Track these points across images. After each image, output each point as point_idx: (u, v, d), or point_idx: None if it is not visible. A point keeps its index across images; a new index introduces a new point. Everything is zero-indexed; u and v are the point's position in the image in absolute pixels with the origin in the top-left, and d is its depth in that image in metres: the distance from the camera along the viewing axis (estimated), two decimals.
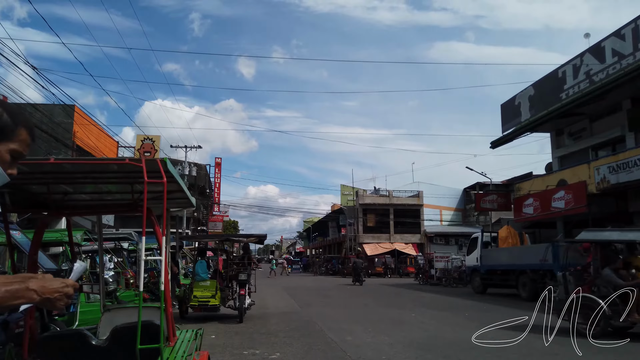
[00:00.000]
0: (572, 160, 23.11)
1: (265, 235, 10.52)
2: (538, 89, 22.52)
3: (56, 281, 1.30)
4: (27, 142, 1.35)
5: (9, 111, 1.32)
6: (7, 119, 1.30)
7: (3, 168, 1.31)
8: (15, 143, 1.31)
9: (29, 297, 1.25)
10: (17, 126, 1.32)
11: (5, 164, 1.31)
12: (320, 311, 11.83)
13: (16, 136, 1.31)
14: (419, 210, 43.92)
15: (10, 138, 1.31)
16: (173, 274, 10.44)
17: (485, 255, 17.75)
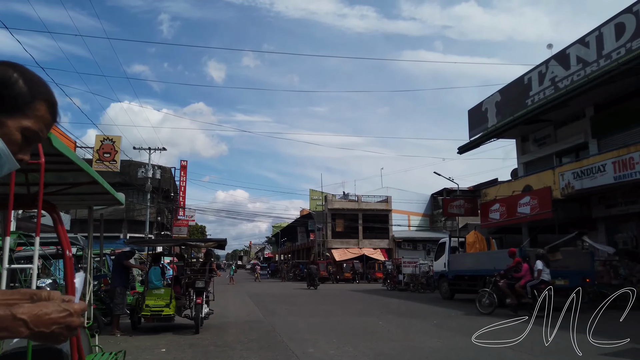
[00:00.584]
0: (537, 166, 23.41)
1: (225, 240, 9.89)
2: (504, 95, 22.74)
3: (54, 305, 0.97)
4: (46, 120, 1.08)
5: (27, 78, 1.07)
6: (22, 87, 1.04)
7: (12, 151, 1.03)
8: (31, 120, 1.05)
9: (15, 331, 0.93)
10: (34, 98, 1.05)
11: (14, 146, 1.04)
12: (284, 320, 11.28)
13: (32, 111, 1.05)
14: (387, 216, 43.92)
15: (24, 112, 1.04)
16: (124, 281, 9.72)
17: (452, 260, 17.61)
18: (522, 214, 20.18)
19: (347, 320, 11.16)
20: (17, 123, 1.04)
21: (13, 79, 1.05)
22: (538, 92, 20.18)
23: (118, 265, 9.11)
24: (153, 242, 9.93)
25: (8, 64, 1.10)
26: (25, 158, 1.08)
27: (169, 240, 9.84)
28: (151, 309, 8.89)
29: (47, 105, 1.09)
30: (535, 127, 22.65)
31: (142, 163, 35.56)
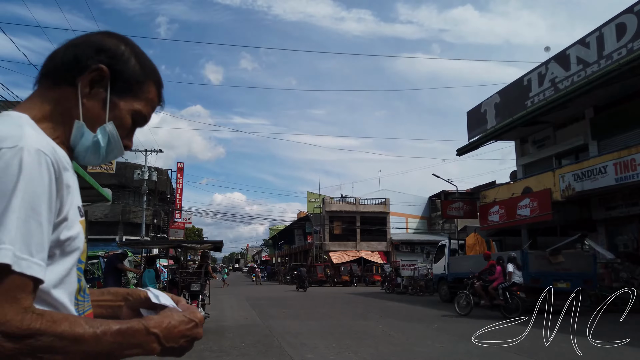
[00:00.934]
0: (536, 168, 23.28)
1: (221, 241, 9.61)
2: (504, 96, 22.60)
3: (179, 316, 0.88)
4: (154, 104, 1.01)
5: (138, 55, 0.98)
6: (135, 66, 0.97)
7: (120, 135, 0.95)
8: (141, 102, 0.98)
9: (148, 347, 0.82)
10: (146, 78, 0.98)
11: (124, 130, 0.97)
12: (282, 323, 11.03)
13: (143, 93, 0.98)
14: (385, 218, 43.73)
15: (135, 94, 0.97)
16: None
17: (452, 263, 17.40)
18: (522, 216, 20.02)
19: (347, 324, 10.92)
20: (129, 105, 0.95)
21: (126, 55, 0.95)
22: (538, 93, 20.05)
23: (110, 268, 8.88)
24: (147, 243, 9.65)
25: (118, 37, 0.99)
26: (130, 145, 1.00)
27: (164, 241, 9.51)
28: None
29: (157, 86, 1.00)
30: (535, 128, 22.52)
31: (138, 165, 35.30)
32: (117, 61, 0.93)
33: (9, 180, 0.73)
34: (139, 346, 0.81)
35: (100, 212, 36.03)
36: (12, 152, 0.74)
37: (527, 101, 20.61)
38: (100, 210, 36.20)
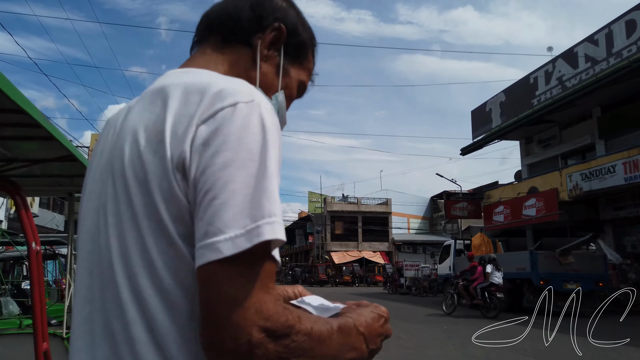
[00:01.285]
0: (541, 168, 23.01)
1: None
2: (509, 95, 22.33)
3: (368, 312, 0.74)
4: (311, 74, 0.92)
5: (304, 20, 0.88)
6: (303, 30, 0.86)
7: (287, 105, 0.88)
8: (305, 72, 0.89)
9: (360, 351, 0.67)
10: (310, 46, 0.89)
11: (289, 101, 0.88)
12: None
13: (307, 62, 0.89)
14: (387, 218, 43.46)
15: (301, 62, 0.88)
16: None
17: (458, 263, 17.10)
18: (528, 216, 19.76)
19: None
20: (297, 74, 0.87)
21: (295, 17, 0.85)
22: (544, 91, 19.78)
23: None
24: None
25: None
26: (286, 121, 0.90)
27: None
28: None
29: (314, 55, 0.92)
30: (540, 128, 22.25)
31: None
32: (289, 22, 0.83)
33: (255, 139, 0.61)
34: (354, 349, 0.66)
35: None
36: (249, 108, 0.63)
37: (534, 100, 20.35)
38: None
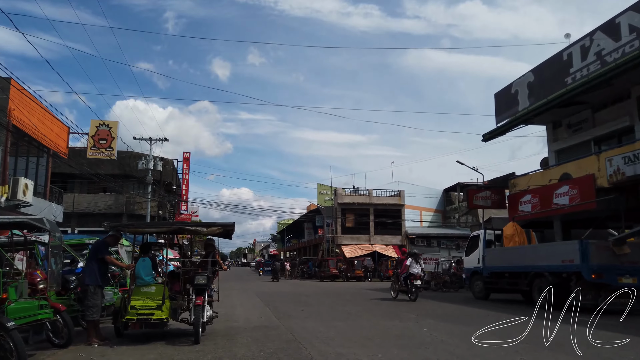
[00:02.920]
0: (571, 154, 21.33)
1: (233, 224, 7.64)
2: (538, 74, 20.61)
3: None
4: None
5: None
6: None
7: None
8: None
9: None
10: None
11: None
12: (304, 325, 9.27)
13: None
14: (400, 211, 41.84)
15: None
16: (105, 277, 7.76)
17: (489, 255, 15.53)
18: (559, 205, 18.15)
19: (381, 326, 9.15)
20: None
21: None
22: (580, 68, 18.05)
23: (94, 257, 7.12)
24: (140, 226, 7.81)
25: None
26: None
27: (160, 224, 7.67)
28: (138, 312, 6.90)
29: None
30: (571, 110, 20.54)
31: (143, 154, 33.69)
32: None
33: None
34: None
35: (103, 204, 34.55)
36: None
37: (568, 78, 18.63)
38: (104, 202, 34.70)
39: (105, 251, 7.21)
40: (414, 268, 15.36)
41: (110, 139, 23.43)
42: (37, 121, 19.50)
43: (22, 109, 18.05)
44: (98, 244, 7.40)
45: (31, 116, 18.81)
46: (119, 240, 7.63)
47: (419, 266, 15.53)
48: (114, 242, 7.50)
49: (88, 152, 23.46)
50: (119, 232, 7.45)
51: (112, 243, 7.49)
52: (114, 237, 7.46)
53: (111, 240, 7.49)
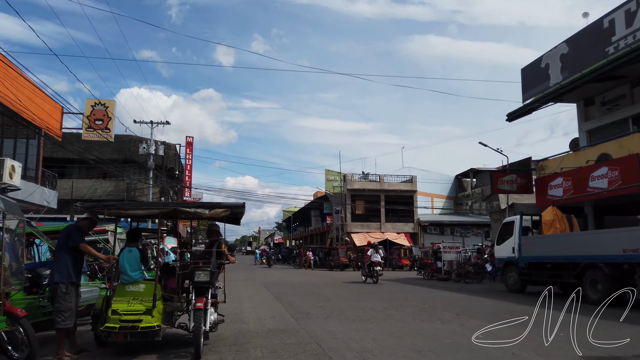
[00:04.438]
0: (605, 134, 19.57)
1: (243, 205, 6.05)
2: (574, 45, 18.74)
3: None
4: None
5: None
6: None
7: None
8: None
9: None
10: None
11: None
12: (328, 327, 7.70)
13: None
14: (412, 197, 40.17)
15: None
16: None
17: (527, 244, 13.86)
18: (597, 188, 16.44)
19: (423, 330, 7.57)
20: None
21: None
22: (624, 36, 16.18)
23: (64, 247, 5.54)
24: (123, 206, 6.06)
25: None
26: None
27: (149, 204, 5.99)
28: (121, 318, 5.33)
29: None
30: (606, 86, 18.73)
31: (144, 138, 32.11)
32: None
33: None
34: None
35: (103, 189, 33.06)
36: None
37: (609, 47, 16.77)
38: (104, 187, 33.23)
39: (78, 238, 5.61)
40: (375, 257, 19.31)
41: (107, 119, 21.80)
42: (26, 99, 17.89)
43: (7, 84, 16.42)
44: (69, 229, 5.75)
45: (19, 93, 17.20)
46: (94, 224, 5.99)
47: (378, 255, 19.65)
48: (89, 227, 5.88)
49: (83, 134, 21.87)
50: (96, 214, 5.84)
51: (86, 228, 5.87)
52: (89, 220, 5.84)
53: (86, 225, 5.86)
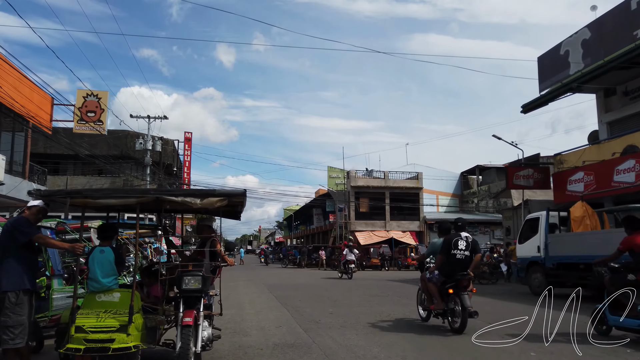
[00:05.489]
0: (627, 126, 18.41)
1: (243, 192, 4.84)
2: (597, 29, 17.56)
3: None
4: None
5: None
6: None
7: None
8: None
9: None
10: None
11: None
12: (345, 342, 6.53)
13: None
14: (417, 195, 38.97)
15: None
16: None
17: (555, 242, 12.67)
18: (623, 183, 15.30)
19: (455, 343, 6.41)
20: None
21: None
22: None
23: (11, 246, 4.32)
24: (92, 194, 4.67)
25: None
26: None
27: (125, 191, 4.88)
28: (88, 337, 4.15)
29: None
30: (630, 74, 17.55)
31: (140, 133, 30.95)
32: None
33: None
34: None
35: (98, 186, 31.89)
36: None
37: (638, 30, 15.58)
38: (99, 184, 32.05)
39: (28, 231, 4.37)
40: (349, 256, 21.58)
41: (100, 111, 20.60)
42: (11, 88, 16.70)
43: None
44: (13, 223, 4.44)
45: (2, 81, 16.03)
46: (45, 213, 4.71)
47: (352, 255, 21.96)
48: (38, 217, 4.58)
49: (74, 126, 20.68)
50: (43, 205, 4.58)
51: (34, 218, 4.60)
52: (38, 209, 4.57)
53: (32, 214, 4.61)
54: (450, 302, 7.16)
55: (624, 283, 6.35)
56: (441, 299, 7.30)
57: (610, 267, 6.75)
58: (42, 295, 6.66)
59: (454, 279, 7.14)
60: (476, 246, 7.47)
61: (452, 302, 7.12)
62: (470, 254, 7.36)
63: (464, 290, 7.03)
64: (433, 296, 7.47)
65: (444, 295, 7.27)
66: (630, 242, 6.53)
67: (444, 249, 7.48)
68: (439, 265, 7.47)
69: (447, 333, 7.19)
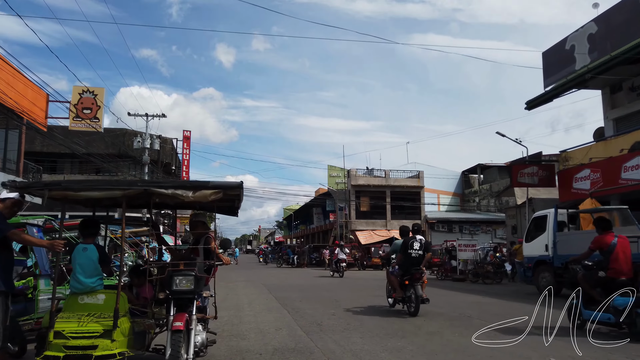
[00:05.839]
0: (633, 122, 18.06)
1: (240, 184, 4.41)
2: (604, 23, 17.17)
3: None
4: None
5: None
6: None
7: None
8: None
9: None
10: None
11: None
12: (350, 346, 6.14)
13: None
14: (419, 193, 38.55)
15: None
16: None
17: (564, 241, 12.29)
18: (631, 180, 14.93)
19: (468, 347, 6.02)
20: None
21: None
22: None
23: None
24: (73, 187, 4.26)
25: None
26: None
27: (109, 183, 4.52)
28: (68, 344, 3.76)
29: None
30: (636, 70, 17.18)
31: (138, 132, 30.53)
32: None
33: None
34: None
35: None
36: None
37: None
38: None
39: (2, 227, 3.98)
40: (341, 255, 22.80)
41: (96, 108, 20.18)
42: (4, 83, 16.30)
43: None
44: None
45: None
46: (20, 206, 4.30)
47: (343, 254, 23.33)
48: (13, 210, 4.16)
49: (70, 123, 20.27)
50: (23, 195, 4.19)
51: (8, 212, 4.18)
52: (13, 201, 4.16)
53: (7, 208, 4.14)
54: (407, 291, 8.76)
55: (595, 279, 6.96)
56: (401, 289, 8.93)
57: (584, 265, 7.37)
58: (29, 296, 6.30)
59: (410, 272, 8.67)
60: (428, 246, 9.09)
61: (409, 291, 8.70)
62: (423, 252, 8.84)
63: (417, 282, 8.65)
64: (394, 287, 9.18)
65: (402, 286, 8.87)
66: (600, 242, 7.11)
67: (402, 248, 9.02)
68: (399, 262, 9.10)
69: (404, 315, 8.70)
